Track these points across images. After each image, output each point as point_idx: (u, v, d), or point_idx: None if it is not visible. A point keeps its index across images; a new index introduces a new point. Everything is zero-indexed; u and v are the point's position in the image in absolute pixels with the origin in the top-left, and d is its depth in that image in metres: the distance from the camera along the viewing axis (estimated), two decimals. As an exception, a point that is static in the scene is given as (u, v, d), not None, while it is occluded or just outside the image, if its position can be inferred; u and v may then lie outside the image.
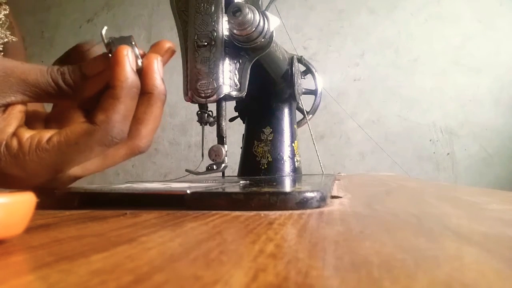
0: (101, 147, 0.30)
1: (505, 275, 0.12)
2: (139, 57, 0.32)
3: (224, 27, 0.38)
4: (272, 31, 0.39)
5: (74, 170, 0.33)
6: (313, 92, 0.80)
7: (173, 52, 0.34)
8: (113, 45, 0.31)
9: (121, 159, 0.33)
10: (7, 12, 0.55)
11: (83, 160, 0.31)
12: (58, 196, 0.31)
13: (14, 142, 0.30)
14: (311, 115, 0.79)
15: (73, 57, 0.36)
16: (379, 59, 1.57)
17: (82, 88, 0.31)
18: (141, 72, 0.32)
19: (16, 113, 0.31)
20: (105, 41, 0.32)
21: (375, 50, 1.58)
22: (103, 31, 0.32)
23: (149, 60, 0.32)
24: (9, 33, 0.54)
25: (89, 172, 0.34)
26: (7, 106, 0.30)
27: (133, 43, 0.32)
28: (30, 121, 0.33)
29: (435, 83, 1.52)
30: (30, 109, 0.34)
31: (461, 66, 1.51)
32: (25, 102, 0.31)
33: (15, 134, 0.30)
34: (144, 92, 0.32)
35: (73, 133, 0.30)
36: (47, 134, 0.30)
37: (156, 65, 0.33)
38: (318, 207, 0.28)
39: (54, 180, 0.32)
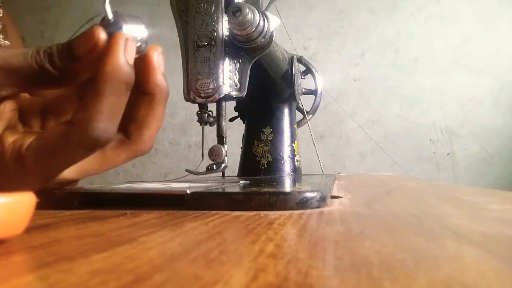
0: (82, 150, 0.27)
1: (505, 275, 0.12)
2: (146, 44, 0.29)
3: (224, 27, 0.38)
4: (272, 31, 0.39)
5: (69, 173, 0.30)
6: (313, 92, 0.80)
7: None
8: (115, 24, 0.27)
9: (122, 161, 0.31)
10: (1, 15, 0.54)
11: (68, 164, 0.28)
12: (58, 196, 0.31)
13: None
14: (311, 115, 0.79)
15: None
16: (379, 59, 1.57)
17: (73, 72, 0.27)
18: (141, 63, 0.29)
19: (7, 113, 0.28)
20: (109, 15, 0.27)
21: (375, 50, 1.58)
22: (107, 3, 0.27)
23: (148, 55, 0.29)
24: (2, 37, 0.53)
25: (86, 175, 0.32)
26: None
27: (142, 26, 0.28)
28: (25, 114, 0.31)
29: (435, 83, 1.52)
30: (26, 98, 0.32)
31: (461, 66, 1.51)
32: (12, 94, 0.28)
33: None
34: (145, 93, 0.30)
35: (50, 136, 0.27)
36: (28, 139, 0.27)
37: (157, 60, 0.29)
38: (318, 207, 0.28)
39: (48, 183, 0.30)
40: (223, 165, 0.37)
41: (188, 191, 0.29)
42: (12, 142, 0.27)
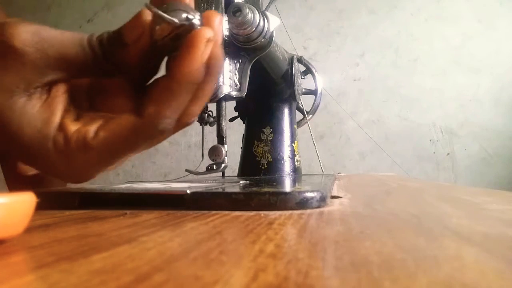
0: (148, 142, 0.27)
1: (505, 275, 0.12)
2: (201, 24, 0.25)
3: (224, 27, 0.38)
4: (272, 31, 0.39)
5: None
6: (313, 92, 0.80)
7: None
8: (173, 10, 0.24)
9: (176, 131, 0.30)
10: None
11: (131, 154, 0.28)
12: (58, 196, 0.31)
13: (60, 138, 0.26)
14: (311, 115, 0.79)
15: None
16: (379, 59, 1.57)
17: (123, 60, 0.26)
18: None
19: (61, 96, 0.27)
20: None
21: (375, 50, 1.58)
22: None
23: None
24: None
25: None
26: (49, 85, 0.27)
27: (195, 13, 0.25)
28: (74, 94, 0.29)
29: (435, 83, 1.52)
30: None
31: (461, 66, 1.51)
32: (62, 79, 0.27)
33: (61, 126, 0.27)
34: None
35: (120, 128, 0.26)
36: (92, 127, 0.27)
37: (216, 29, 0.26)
38: (318, 207, 0.28)
39: (107, 170, 0.29)
40: (223, 165, 0.37)
41: (188, 191, 0.29)
42: (76, 131, 0.27)
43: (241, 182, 0.47)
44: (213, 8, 0.38)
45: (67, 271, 0.12)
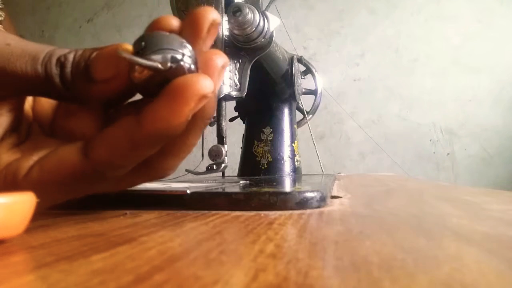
0: (93, 186, 0.23)
1: (505, 275, 0.12)
2: (195, 63, 0.20)
3: (224, 27, 0.38)
4: (272, 31, 0.39)
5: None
6: (313, 92, 0.80)
7: (217, 25, 0.22)
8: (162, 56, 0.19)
9: (136, 185, 0.26)
10: (2, 18, 0.53)
11: (71, 196, 0.23)
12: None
13: None
14: (311, 115, 0.79)
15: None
16: (379, 59, 1.57)
17: (88, 94, 0.22)
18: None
19: (3, 116, 0.23)
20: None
21: (375, 50, 1.58)
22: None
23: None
24: None
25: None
26: None
27: (187, 50, 0.20)
28: (22, 116, 0.25)
29: (435, 83, 1.52)
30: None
31: (461, 66, 1.51)
32: (12, 95, 0.23)
33: None
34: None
35: (59, 167, 0.21)
36: (28, 161, 0.22)
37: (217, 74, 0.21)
38: (318, 207, 0.28)
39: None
40: (223, 165, 0.37)
41: (188, 191, 0.29)
42: (7, 166, 0.22)
43: (241, 182, 0.47)
44: (213, 8, 0.38)
45: (67, 271, 0.12)
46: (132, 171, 0.23)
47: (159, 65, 0.19)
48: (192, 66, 0.20)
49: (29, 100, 0.26)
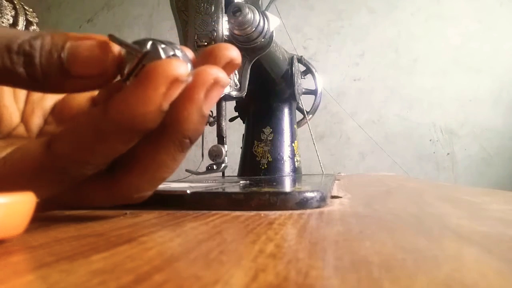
0: (55, 183, 0.20)
1: (505, 275, 0.12)
2: (190, 67, 0.20)
3: (224, 27, 0.38)
4: (272, 31, 0.39)
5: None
6: (313, 92, 0.80)
7: (236, 66, 0.21)
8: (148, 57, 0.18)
9: (102, 204, 0.23)
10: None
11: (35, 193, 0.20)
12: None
13: None
14: (311, 115, 0.79)
15: None
16: (379, 59, 1.57)
17: (61, 88, 0.19)
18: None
19: None
20: (140, 50, 0.18)
21: (375, 50, 1.58)
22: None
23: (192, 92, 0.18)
24: None
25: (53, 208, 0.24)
26: None
27: (179, 51, 0.19)
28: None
29: (435, 83, 1.52)
30: None
31: (461, 66, 1.51)
32: None
33: None
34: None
35: (20, 161, 0.19)
36: None
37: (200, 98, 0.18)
38: (318, 207, 0.28)
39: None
40: (223, 165, 0.37)
41: (188, 191, 0.29)
42: None
43: (241, 182, 0.47)
44: (213, 8, 0.38)
45: (67, 271, 0.12)
46: (93, 185, 0.21)
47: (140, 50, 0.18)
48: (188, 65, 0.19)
49: (18, 100, 0.26)
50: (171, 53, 0.19)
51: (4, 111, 0.23)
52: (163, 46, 0.19)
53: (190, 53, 0.20)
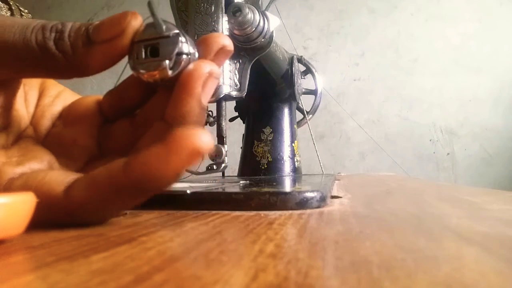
0: (72, 220, 0.21)
1: (505, 275, 0.12)
2: (194, 55, 0.21)
3: (224, 27, 0.38)
4: (272, 31, 0.39)
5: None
6: (313, 92, 0.80)
7: (228, 53, 0.23)
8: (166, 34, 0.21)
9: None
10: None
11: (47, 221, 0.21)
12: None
13: None
14: (311, 115, 0.79)
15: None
16: (379, 59, 1.57)
17: (86, 59, 0.20)
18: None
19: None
20: (161, 24, 0.21)
21: (375, 50, 1.58)
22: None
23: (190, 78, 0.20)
24: None
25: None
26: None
27: (194, 54, 0.21)
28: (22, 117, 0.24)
29: (435, 83, 1.52)
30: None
31: (461, 66, 1.51)
32: (6, 79, 0.21)
33: None
34: (164, 119, 0.22)
35: (37, 190, 0.19)
36: (8, 173, 0.21)
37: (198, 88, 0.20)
38: (318, 207, 0.28)
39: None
40: (223, 165, 0.37)
41: (188, 191, 0.29)
42: None
43: (241, 182, 0.47)
44: (213, 8, 0.38)
45: (67, 271, 0.12)
46: None
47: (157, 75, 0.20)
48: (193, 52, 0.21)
49: (29, 104, 0.26)
50: (186, 51, 0.20)
51: (14, 114, 0.24)
52: (183, 40, 0.20)
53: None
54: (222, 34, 0.22)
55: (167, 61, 0.20)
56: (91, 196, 0.19)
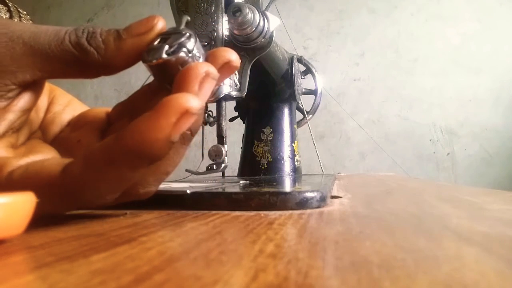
0: (70, 202, 0.22)
1: (505, 275, 0.12)
2: (197, 58, 0.22)
3: (224, 27, 0.38)
4: (272, 31, 0.39)
5: None
6: (313, 92, 0.80)
7: (233, 69, 0.23)
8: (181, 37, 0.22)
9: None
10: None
11: (48, 208, 0.22)
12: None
13: None
14: (311, 115, 0.79)
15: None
16: (379, 59, 1.57)
17: (116, 53, 0.22)
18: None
19: (10, 112, 0.23)
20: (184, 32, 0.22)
21: (375, 50, 1.58)
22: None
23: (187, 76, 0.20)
24: None
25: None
26: (18, 88, 0.22)
27: (201, 58, 0.23)
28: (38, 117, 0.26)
29: (435, 83, 1.52)
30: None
31: (461, 66, 1.51)
32: (35, 79, 0.22)
33: None
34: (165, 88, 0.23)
35: (35, 177, 0.21)
36: (13, 164, 0.22)
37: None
38: (318, 207, 0.28)
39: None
40: (223, 165, 0.37)
41: (188, 191, 0.29)
42: None
43: (241, 182, 0.47)
44: (213, 8, 0.38)
45: (67, 271, 0.12)
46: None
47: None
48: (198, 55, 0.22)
49: (40, 109, 0.28)
50: (189, 47, 0.22)
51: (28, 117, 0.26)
52: (192, 39, 0.22)
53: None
54: (231, 50, 0.23)
55: (166, 46, 0.21)
56: (87, 169, 0.20)
